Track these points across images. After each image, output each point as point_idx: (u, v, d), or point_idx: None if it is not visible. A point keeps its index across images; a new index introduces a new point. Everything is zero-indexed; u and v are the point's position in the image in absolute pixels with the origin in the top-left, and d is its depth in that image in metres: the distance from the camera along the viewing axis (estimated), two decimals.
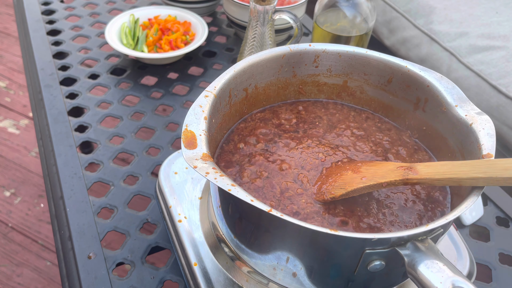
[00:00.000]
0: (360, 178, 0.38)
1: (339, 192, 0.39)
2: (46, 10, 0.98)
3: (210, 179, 0.33)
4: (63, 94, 0.76)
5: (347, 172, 0.40)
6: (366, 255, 0.33)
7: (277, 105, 0.51)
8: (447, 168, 0.35)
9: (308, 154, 0.44)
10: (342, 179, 0.40)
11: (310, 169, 0.43)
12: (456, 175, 0.34)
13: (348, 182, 0.39)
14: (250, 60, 0.46)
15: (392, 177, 0.37)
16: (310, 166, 0.43)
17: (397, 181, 0.36)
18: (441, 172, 0.35)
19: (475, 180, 0.34)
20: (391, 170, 0.37)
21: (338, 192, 0.39)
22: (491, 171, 0.33)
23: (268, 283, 0.41)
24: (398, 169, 0.37)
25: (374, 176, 0.38)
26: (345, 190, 0.38)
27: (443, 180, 0.35)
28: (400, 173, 0.37)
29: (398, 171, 0.37)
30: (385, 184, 0.37)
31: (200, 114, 0.39)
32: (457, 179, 0.34)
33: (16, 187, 1.31)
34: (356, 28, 0.72)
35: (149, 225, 0.58)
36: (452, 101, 0.42)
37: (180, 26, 0.86)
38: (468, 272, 0.48)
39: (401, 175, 0.36)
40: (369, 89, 0.50)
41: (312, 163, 0.43)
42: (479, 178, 0.33)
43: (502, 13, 1.01)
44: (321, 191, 0.40)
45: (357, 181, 0.38)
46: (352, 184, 0.38)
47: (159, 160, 0.66)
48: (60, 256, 0.55)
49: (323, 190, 0.40)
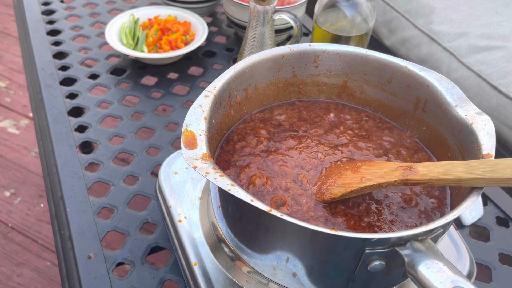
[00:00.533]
0: (360, 178, 0.38)
1: (339, 193, 0.39)
2: (46, 10, 0.98)
3: (210, 179, 0.33)
4: (63, 94, 0.76)
5: (347, 172, 0.40)
6: (366, 255, 0.33)
7: (277, 105, 0.51)
8: (446, 168, 0.35)
9: (308, 154, 0.44)
10: (341, 179, 0.40)
11: (309, 169, 0.43)
12: (455, 176, 0.34)
13: (347, 183, 0.39)
14: (250, 60, 0.46)
15: (392, 178, 0.37)
16: (310, 166, 0.43)
17: (397, 182, 0.36)
18: (440, 173, 0.35)
19: (475, 180, 0.34)
20: (391, 170, 0.37)
21: (338, 192, 0.39)
22: (491, 171, 0.33)
23: (268, 283, 0.41)
24: (398, 169, 0.37)
25: (374, 176, 0.38)
26: (345, 190, 0.38)
27: (443, 181, 0.35)
28: (399, 173, 0.37)
29: (397, 171, 0.37)
30: (385, 185, 0.37)
31: (200, 114, 0.39)
32: (456, 179, 0.34)
33: (16, 187, 1.31)
34: (356, 28, 0.72)
35: (149, 225, 0.58)
36: (452, 101, 0.42)
37: (180, 26, 0.86)
38: (468, 272, 0.48)
39: (400, 175, 0.36)
40: (369, 89, 0.50)
41: (311, 163, 0.43)
42: (479, 179, 0.33)
43: (502, 13, 1.01)
44: (321, 192, 0.40)
45: (357, 182, 0.38)
46: (352, 184, 0.38)
47: (159, 160, 0.66)
48: (60, 256, 0.55)
49: (323, 191, 0.40)
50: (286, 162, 0.43)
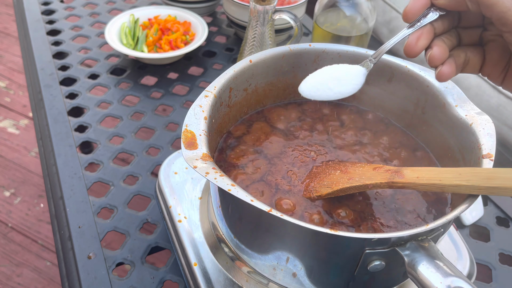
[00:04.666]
0: (348, 178, 0.39)
1: (325, 191, 0.39)
2: (46, 10, 0.98)
3: (210, 179, 0.33)
4: (63, 94, 0.76)
5: (336, 172, 0.41)
6: (366, 255, 0.33)
7: (277, 105, 0.51)
8: (432, 174, 0.35)
9: (301, 152, 0.45)
10: (329, 178, 0.40)
11: (300, 166, 0.43)
12: (439, 182, 0.34)
13: (335, 182, 0.39)
14: (250, 60, 0.46)
15: (378, 180, 0.37)
16: (301, 164, 0.44)
17: (382, 184, 0.36)
18: (426, 178, 0.35)
19: (457, 187, 0.33)
20: (378, 172, 0.38)
21: (325, 190, 0.39)
22: (474, 179, 0.33)
23: (268, 283, 0.41)
24: (386, 172, 0.37)
25: (361, 177, 0.38)
26: (331, 189, 0.39)
27: (427, 186, 0.35)
28: (386, 176, 0.37)
29: (384, 174, 0.37)
30: (371, 186, 0.37)
31: (200, 114, 0.39)
32: (440, 185, 0.34)
33: (16, 187, 1.31)
34: (356, 28, 0.72)
35: (149, 225, 0.58)
36: (452, 101, 0.42)
37: (180, 26, 0.86)
38: (468, 272, 0.48)
39: (387, 178, 0.36)
40: (369, 89, 0.50)
41: (303, 161, 0.44)
42: (461, 186, 0.33)
43: None
44: (309, 189, 0.41)
45: (343, 181, 0.39)
46: (338, 184, 0.39)
47: (159, 160, 0.66)
48: (60, 256, 0.55)
49: (310, 188, 0.41)
50: (279, 159, 0.44)
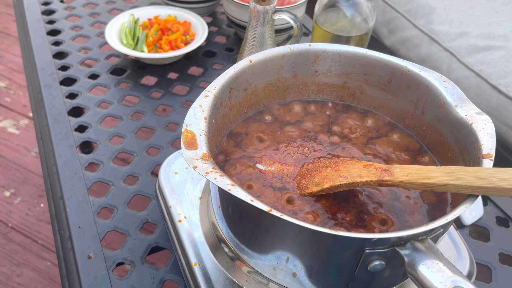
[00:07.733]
0: (338, 176, 0.39)
1: (316, 188, 0.39)
2: (46, 10, 0.98)
3: (210, 179, 0.33)
4: (63, 94, 0.76)
5: (327, 169, 0.41)
6: (366, 255, 0.33)
7: (277, 105, 0.51)
8: (421, 172, 0.35)
9: (294, 149, 0.45)
10: (320, 175, 0.41)
11: (291, 163, 0.44)
12: (428, 180, 0.34)
13: (326, 179, 0.40)
14: (250, 60, 0.46)
15: (368, 177, 0.37)
16: (293, 161, 0.44)
17: (372, 182, 0.37)
18: (415, 176, 0.35)
19: (446, 186, 0.33)
20: (369, 170, 0.38)
21: (316, 188, 0.40)
22: (462, 178, 0.33)
23: (268, 283, 0.41)
24: (376, 170, 0.37)
25: (351, 175, 0.38)
26: (322, 186, 0.39)
27: (416, 184, 0.35)
28: (376, 174, 0.37)
29: (375, 172, 0.37)
30: (361, 184, 0.37)
31: (200, 114, 0.39)
32: (429, 184, 0.34)
33: (16, 187, 1.31)
34: (356, 28, 0.72)
35: (149, 225, 0.58)
36: (452, 101, 0.42)
37: (180, 26, 0.86)
38: (468, 272, 0.48)
39: (377, 176, 0.36)
40: (369, 89, 0.50)
41: (295, 158, 0.44)
42: (450, 185, 0.33)
43: (502, 13, 1.01)
44: (300, 186, 0.41)
45: (334, 179, 0.39)
46: (329, 181, 0.39)
47: (159, 160, 0.66)
48: (60, 256, 0.55)
49: (301, 185, 0.41)
50: (270, 156, 0.44)
